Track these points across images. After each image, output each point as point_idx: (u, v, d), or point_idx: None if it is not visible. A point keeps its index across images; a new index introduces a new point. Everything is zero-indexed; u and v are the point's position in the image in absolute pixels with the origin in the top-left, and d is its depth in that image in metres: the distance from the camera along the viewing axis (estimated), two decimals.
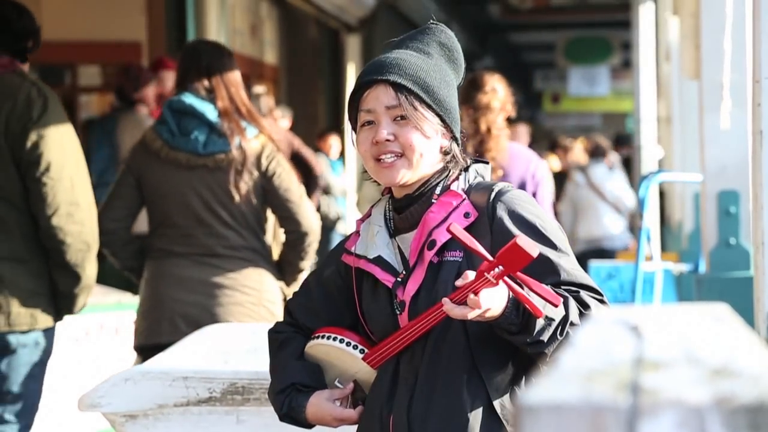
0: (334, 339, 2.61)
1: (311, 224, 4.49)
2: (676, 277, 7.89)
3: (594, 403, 1.00)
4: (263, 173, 4.46)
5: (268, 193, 4.48)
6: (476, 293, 2.29)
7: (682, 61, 7.59)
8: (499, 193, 2.48)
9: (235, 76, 4.56)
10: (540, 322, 2.34)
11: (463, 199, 2.50)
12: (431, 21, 2.64)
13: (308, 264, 4.58)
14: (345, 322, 2.65)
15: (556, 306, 2.33)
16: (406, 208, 2.55)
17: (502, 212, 2.46)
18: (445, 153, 2.55)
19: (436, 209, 2.50)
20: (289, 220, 4.48)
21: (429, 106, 2.50)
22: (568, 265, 2.45)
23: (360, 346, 2.59)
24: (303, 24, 14.01)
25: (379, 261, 2.54)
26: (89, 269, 4.07)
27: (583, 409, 0.99)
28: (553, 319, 2.35)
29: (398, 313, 2.51)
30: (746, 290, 4.02)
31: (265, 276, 4.49)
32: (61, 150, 4.00)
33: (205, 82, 4.51)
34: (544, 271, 2.40)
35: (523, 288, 2.31)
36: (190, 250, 4.47)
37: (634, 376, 1.03)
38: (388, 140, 2.48)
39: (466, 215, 2.47)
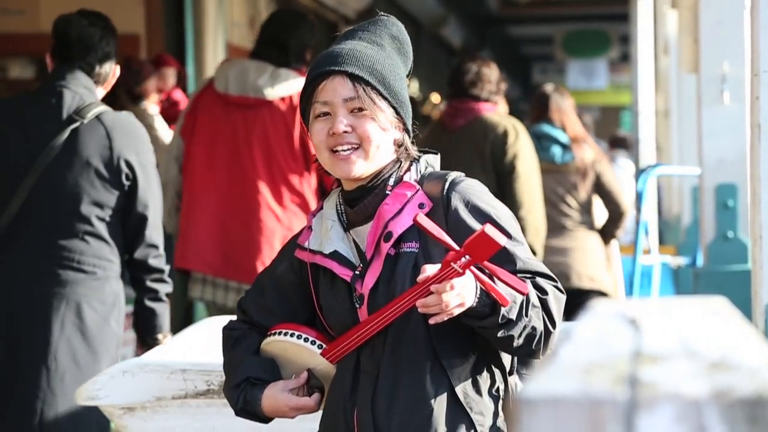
0: (291, 335, 2.59)
1: (626, 206, 6.43)
2: (673, 270, 7.91)
3: (592, 397, 1.00)
4: (597, 175, 6.26)
5: (598, 187, 6.28)
6: (440, 282, 2.31)
7: (680, 55, 7.59)
8: (453, 183, 2.50)
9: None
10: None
11: (417, 190, 2.51)
12: (381, 13, 2.64)
13: (621, 233, 6.56)
14: (300, 318, 2.64)
15: (523, 294, 2.36)
16: (359, 201, 2.55)
17: (457, 202, 2.47)
18: (399, 145, 2.55)
19: (390, 201, 2.50)
20: (613, 204, 6.32)
21: (385, 98, 2.50)
22: (523, 254, 2.48)
23: (318, 342, 2.57)
24: None
25: (335, 256, 2.54)
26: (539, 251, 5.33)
27: (581, 403, 1.00)
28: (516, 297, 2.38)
29: (357, 306, 2.51)
30: (744, 283, 4.02)
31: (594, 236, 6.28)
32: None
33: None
34: (500, 260, 2.40)
35: (490, 277, 2.33)
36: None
37: (632, 369, 1.03)
38: (346, 132, 2.48)
39: (421, 206, 2.49)
